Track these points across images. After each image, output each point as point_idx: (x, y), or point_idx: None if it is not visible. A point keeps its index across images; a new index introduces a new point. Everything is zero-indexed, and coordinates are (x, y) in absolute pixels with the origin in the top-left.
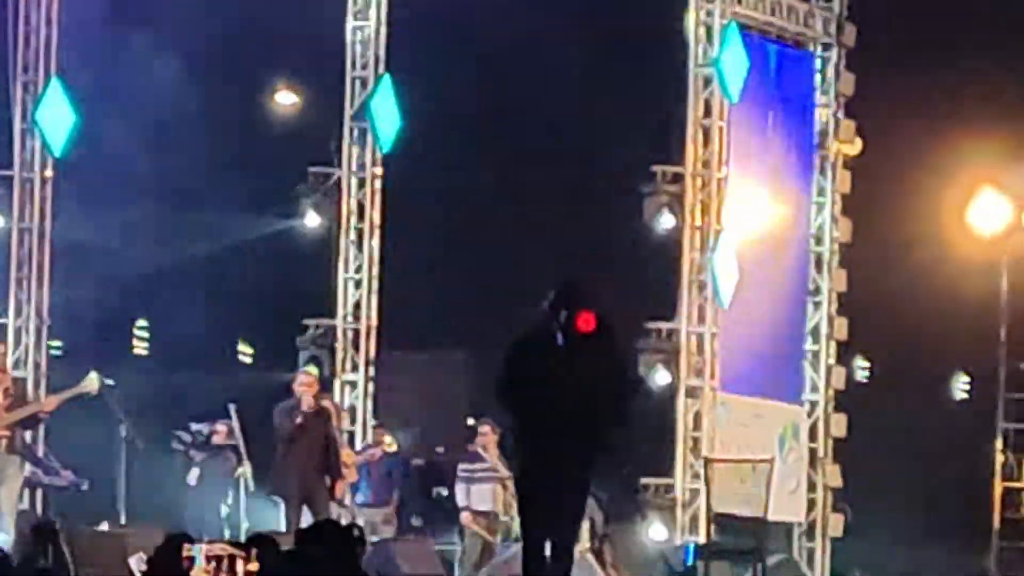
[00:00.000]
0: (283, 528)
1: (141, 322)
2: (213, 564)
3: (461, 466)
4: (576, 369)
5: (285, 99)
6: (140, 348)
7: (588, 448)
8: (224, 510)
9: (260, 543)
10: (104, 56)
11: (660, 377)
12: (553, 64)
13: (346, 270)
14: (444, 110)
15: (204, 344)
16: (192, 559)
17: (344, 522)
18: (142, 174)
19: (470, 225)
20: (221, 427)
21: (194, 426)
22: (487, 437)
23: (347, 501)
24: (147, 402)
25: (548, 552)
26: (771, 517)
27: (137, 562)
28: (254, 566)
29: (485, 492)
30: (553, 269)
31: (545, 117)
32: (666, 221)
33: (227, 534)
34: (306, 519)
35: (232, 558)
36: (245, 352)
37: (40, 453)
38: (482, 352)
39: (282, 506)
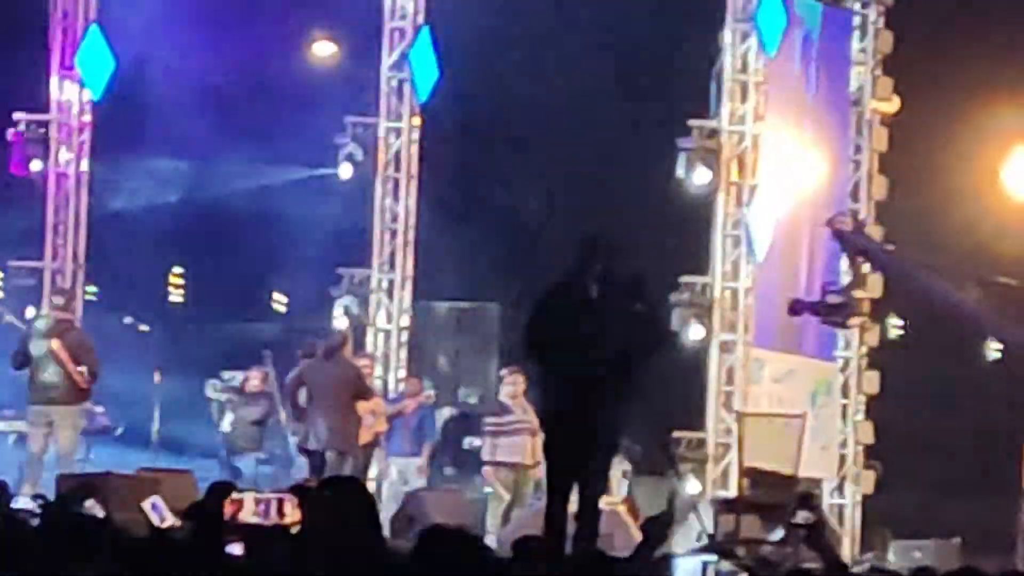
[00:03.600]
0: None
1: (177, 269)
2: (262, 507)
3: (487, 419)
4: (609, 322)
5: (323, 50)
6: (176, 295)
7: (619, 400)
8: (259, 456)
9: (302, 491)
10: (142, 3)
11: (694, 332)
12: (590, 17)
13: (382, 220)
14: (479, 62)
15: (239, 292)
16: (241, 503)
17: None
18: (179, 121)
19: (505, 177)
20: (255, 374)
21: (227, 374)
22: (514, 387)
23: (381, 451)
24: (182, 349)
25: (576, 505)
26: (802, 473)
27: (150, 505)
28: (298, 514)
29: (514, 444)
30: (588, 222)
31: (581, 70)
32: (701, 176)
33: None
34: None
35: (280, 502)
36: (280, 301)
37: None
38: (515, 303)
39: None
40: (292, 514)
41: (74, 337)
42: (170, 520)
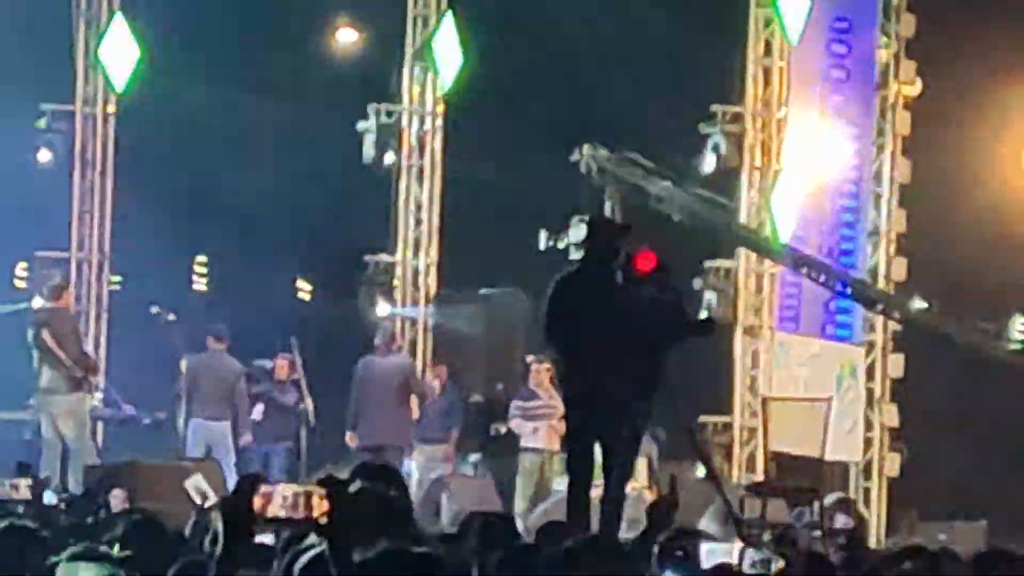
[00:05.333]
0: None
1: (200, 258)
2: (290, 502)
3: (515, 403)
4: (633, 307)
5: (347, 36)
6: (200, 284)
7: (643, 386)
8: (287, 445)
9: (330, 483)
10: None
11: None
12: (612, 2)
13: (406, 207)
14: (503, 48)
15: (263, 280)
16: (270, 496)
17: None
18: (202, 110)
19: (527, 163)
20: (283, 362)
21: (256, 362)
22: (541, 374)
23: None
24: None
25: (601, 491)
26: (828, 457)
27: (193, 484)
28: (326, 505)
29: (540, 429)
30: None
31: (605, 56)
32: (726, 160)
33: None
34: None
35: (308, 495)
36: (304, 288)
37: (102, 386)
38: (540, 289)
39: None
40: (320, 507)
41: (60, 326)
42: (212, 499)
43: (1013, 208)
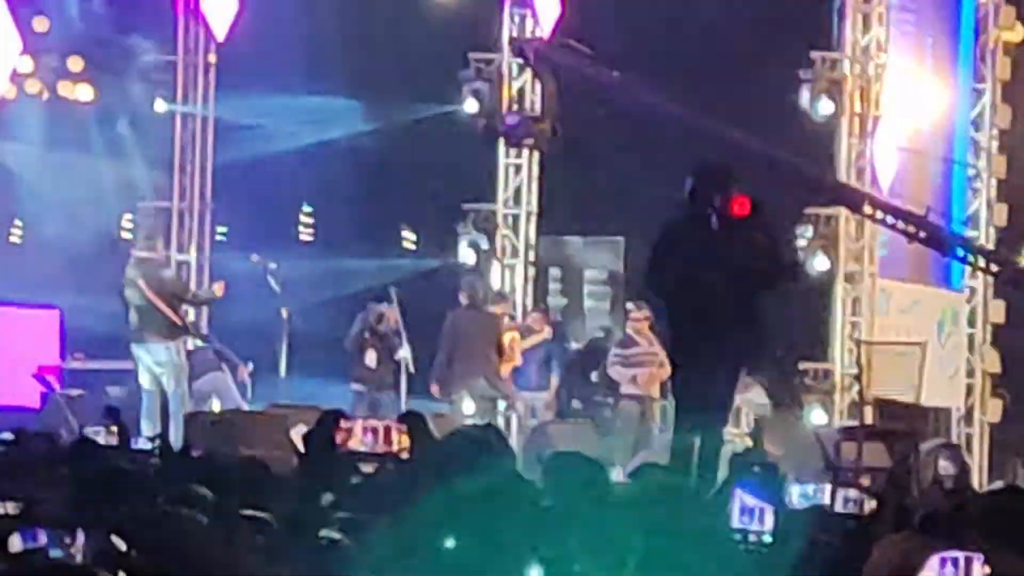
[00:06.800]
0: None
1: (306, 208)
2: (370, 435)
3: (614, 350)
4: (730, 252)
5: None
6: (306, 234)
7: (742, 332)
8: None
9: (411, 419)
10: None
11: (819, 263)
12: None
13: (507, 155)
14: None
15: (368, 230)
16: (350, 431)
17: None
18: (302, 60)
19: (629, 110)
20: (385, 310)
21: (372, 305)
22: (639, 321)
23: (511, 386)
24: (312, 287)
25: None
26: (928, 402)
27: (298, 434)
28: (406, 440)
29: (639, 376)
30: (710, 154)
31: (705, 3)
32: (824, 107)
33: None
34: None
35: (388, 429)
36: (408, 238)
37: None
38: (641, 236)
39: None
40: (400, 441)
41: (155, 274)
42: None
43: None
